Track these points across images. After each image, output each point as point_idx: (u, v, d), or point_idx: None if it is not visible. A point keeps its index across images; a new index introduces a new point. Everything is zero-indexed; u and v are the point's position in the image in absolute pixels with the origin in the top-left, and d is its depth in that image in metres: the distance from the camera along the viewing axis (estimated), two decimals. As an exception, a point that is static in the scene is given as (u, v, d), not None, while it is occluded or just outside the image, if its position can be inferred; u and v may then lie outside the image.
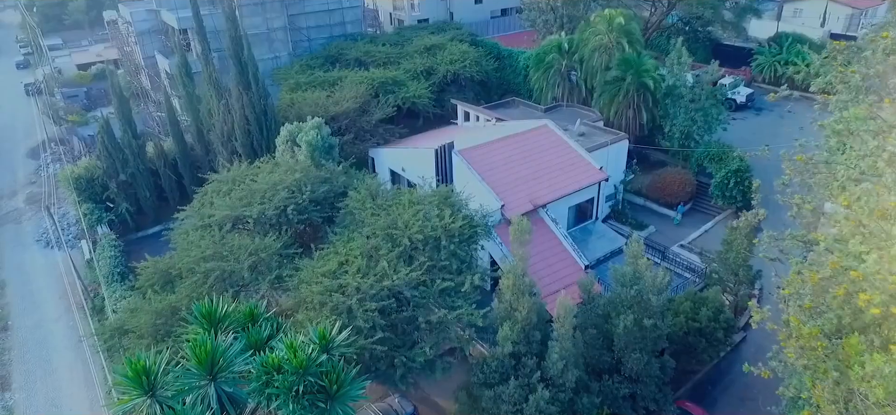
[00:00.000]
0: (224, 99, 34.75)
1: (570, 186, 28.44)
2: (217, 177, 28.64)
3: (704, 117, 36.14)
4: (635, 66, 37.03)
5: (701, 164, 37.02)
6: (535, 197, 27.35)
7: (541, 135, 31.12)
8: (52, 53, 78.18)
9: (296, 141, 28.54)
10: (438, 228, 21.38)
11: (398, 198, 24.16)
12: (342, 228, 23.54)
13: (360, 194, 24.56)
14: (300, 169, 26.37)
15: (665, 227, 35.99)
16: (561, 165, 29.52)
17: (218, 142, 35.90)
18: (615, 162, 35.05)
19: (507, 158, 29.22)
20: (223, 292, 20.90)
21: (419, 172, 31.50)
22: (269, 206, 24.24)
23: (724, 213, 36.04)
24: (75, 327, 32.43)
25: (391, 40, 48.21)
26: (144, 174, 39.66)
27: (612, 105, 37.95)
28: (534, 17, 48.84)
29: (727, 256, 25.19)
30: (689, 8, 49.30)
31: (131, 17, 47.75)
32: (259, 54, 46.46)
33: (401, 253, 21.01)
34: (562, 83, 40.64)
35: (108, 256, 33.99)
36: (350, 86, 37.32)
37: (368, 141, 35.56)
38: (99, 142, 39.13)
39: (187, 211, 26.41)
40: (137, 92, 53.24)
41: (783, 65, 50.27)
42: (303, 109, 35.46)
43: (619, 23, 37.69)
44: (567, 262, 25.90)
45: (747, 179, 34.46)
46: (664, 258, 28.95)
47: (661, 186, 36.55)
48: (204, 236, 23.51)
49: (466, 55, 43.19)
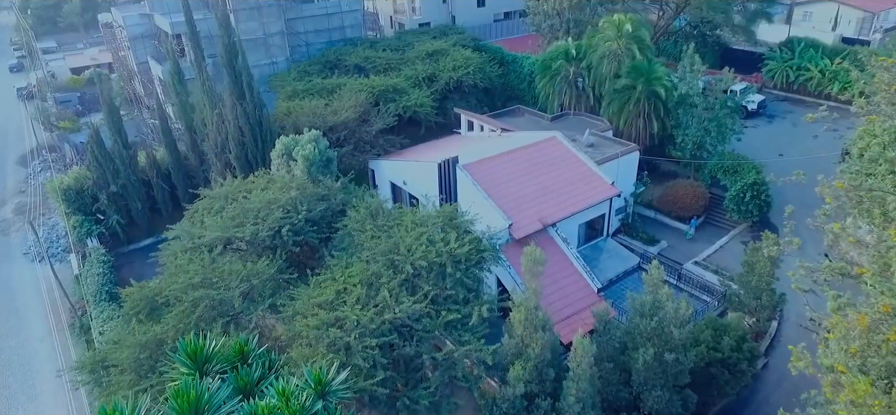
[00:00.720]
0: (218, 108, 33.29)
1: (580, 202, 26.98)
2: (209, 193, 27.22)
3: (718, 127, 34.70)
4: (646, 73, 35.59)
5: (714, 175, 35.56)
6: (545, 215, 25.90)
7: (549, 147, 29.67)
8: (45, 57, 76.69)
9: (292, 155, 27.09)
10: (443, 253, 19.94)
11: (400, 218, 22.72)
12: (340, 252, 22.09)
13: (359, 214, 23.13)
14: (296, 186, 24.95)
15: (677, 241, 34.53)
16: (571, 179, 28.06)
17: (212, 152, 34.44)
18: (626, 174, 33.61)
19: (515, 172, 27.76)
20: (212, 323, 19.51)
21: (421, 186, 30.10)
22: (262, 226, 22.80)
23: (739, 227, 34.59)
24: (61, 347, 30.97)
25: (392, 45, 46.75)
26: (136, 185, 38.25)
27: (621, 114, 36.51)
28: (539, 21, 47.38)
29: (749, 280, 23.73)
30: (699, 12, 47.81)
31: (124, 21, 46.30)
32: (255, 60, 45.12)
33: (403, 281, 19.58)
34: (569, 91, 39.19)
35: (97, 273, 32.52)
36: (349, 94, 35.85)
37: (368, 152, 34.10)
38: (88, 151, 37.69)
39: (176, 230, 24.94)
40: (131, 98, 51.76)
41: (795, 71, 48.79)
42: (300, 119, 34.02)
43: (627, 29, 36.21)
44: (579, 284, 24.46)
45: (764, 192, 33.04)
46: (680, 279, 27.45)
47: (673, 198, 35.10)
48: (193, 260, 22.07)
49: (470, 61, 41.72)
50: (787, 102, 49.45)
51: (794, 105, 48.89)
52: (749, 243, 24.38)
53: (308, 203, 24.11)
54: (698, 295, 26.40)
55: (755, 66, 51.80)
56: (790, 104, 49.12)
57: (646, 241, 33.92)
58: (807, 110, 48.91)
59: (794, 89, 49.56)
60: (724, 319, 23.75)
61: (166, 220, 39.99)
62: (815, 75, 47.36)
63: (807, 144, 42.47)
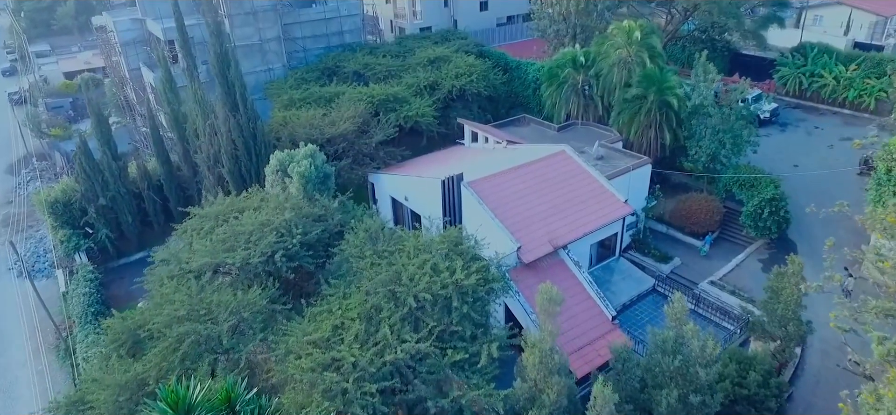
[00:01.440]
0: (210, 119, 31.78)
1: (592, 222, 25.47)
2: (199, 211, 25.69)
3: (733, 139, 33.14)
4: (657, 82, 34.07)
5: (729, 189, 34.04)
6: (555, 236, 24.38)
7: (558, 162, 28.16)
8: (38, 60, 75.20)
9: (287, 171, 25.58)
10: (449, 284, 18.42)
11: (401, 243, 21.21)
12: (337, 280, 20.57)
13: (357, 238, 21.62)
14: (291, 206, 23.44)
15: (691, 258, 32.99)
16: (582, 197, 26.55)
17: (204, 165, 32.93)
18: (637, 188, 32.10)
19: (522, 190, 26.25)
20: (198, 360, 18.00)
21: (424, 203, 28.61)
22: (254, 251, 21.28)
23: (756, 244, 33.03)
24: (44, 372, 29.46)
25: (392, 51, 45.20)
26: (126, 198, 36.76)
27: (631, 125, 34.99)
28: (544, 26, 45.84)
29: (774, 308, 22.19)
30: (710, 17, 46.25)
31: (115, 26, 44.75)
32: (251, 66, 43.64)
33: (405, 315, 18.06)
34: (576, 99, 37.67)
35: (83, 292, 31.00)
36: (348, 104, 34.32)
37: (368, 165, 32.58)
38: (76, 163, 36.19)
39: (162, 253, 23.41)
40: (123, 104, 50.24)
41: (809, 77, 47.24)
42: (296, 130, 32.51)
43: (638, 36, 34.68)
44: (592, 312, 22.94)
45: (783, 208, 31.51)
46: (698, 302, 25.91)
47: (687, 213, 33.57)
48: (179, 288, 20.55)
49: (473, 69, 40.17)
50: (800, 110, 47.90)
51: (807, 113, 47.35)
52: (774, 269, 22.80)
53: (303, 225, 22.61)
54: (719, 321, 24.87)
55: (766, 72, 50.23)
56: (803, 112, 47.58)
57: (658, 258, 32.38)
58: (820, 118, 47.46)
59: (808, 96, 48.00)
60: (749, 351, 22.23)
61: (158, 233, 38.62)
62: (830, 82, 45.81)
63: (822, 155, 40.98)
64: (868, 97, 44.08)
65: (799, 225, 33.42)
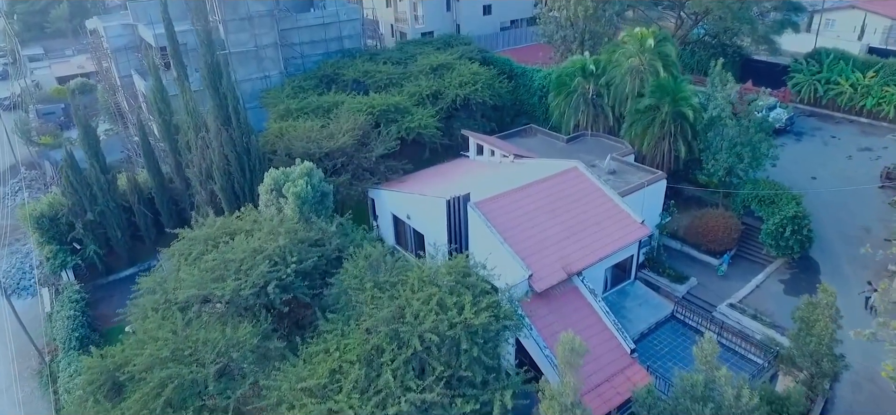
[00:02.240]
0: (202, 132, 30.15)
1: (608, 246, 23.86)
2: (187, 234, 24.09)
3: (752, 152, 31.53)
4: (671, 92, 32.49)
5: (747, 204, 32.44)
6: (569, 262, 22.78)
7: (570, 180, 26.56)
8: (31, 64, 73.55)
9: (282, 191, 23.96)
10: (457, 323, 16.81)
11: (404, 273, 19.60)
12: (336, 315, 18.96)
13: (357, 267, 20.00)
14: (285, 230, 21.82)
15: (708, 278, 31.37)
16: (596, 218, 24.94)
17: (196, 180, 31.32)
18: (652, 205, 30.49)
19: (533, 210, 24.65)
20: (182, 408, 16.41)
21: (427, 222, 27.03)
22: (245, 282, 19.66)
23: (776, 263, 31.42)
24: (26, 401, 27.84)
25: (393, 58, 43.58)
26: (115, 212, 35.09)
27: (644, 137, 33.40)
28: (551, 31, 44.22)
29: (806, 343, 20.56)
30: (722, 22, 44.63)
31: (105, 31, 43.13)
32: (247, 73, 42.06)
33: (409, 358, 16.45)
34: (586, 109, 36.06)
35: (67, 315, 29.37)
36: (347, 115, 32.70)
37: (368, 180, 30.96)
38: (63, 176, 34.56)
39: (148, 281, 21.78)
40: (115, 112, 48.60)
41: (824, 84, 45.65)
42: (293, 143, 30.91)
43: (650, 44, 33.08)
44: (610, 345, 21.34)
45: (806, 226, 29.90)
46: (723, 329, 24.27)
47: (703, 230, 31.95)
48: (163, 323, 18.95)
49: (477, 77, 38.53)
50: (815, 118, 46.35)
51: (822, 121, 45.79)
52: (804, 299, 21.18)
53: (299, 252, 21.00)
54: (744, 352, 23.24)
55: (778, 78, 48.61)
56: (818, 120, 46.02)
57: (673, 278, 30.76)
58: (837, 127, 45.77)
59: (823, 104, 46.41)
60: (780, 389, 20.63)
61: (149, 248, 37.07)
62: (847, 90, 44.19)
63: (840, 165, 39.43)
64: (887, 105, 42.50)
65: (820, 243, 31.85)
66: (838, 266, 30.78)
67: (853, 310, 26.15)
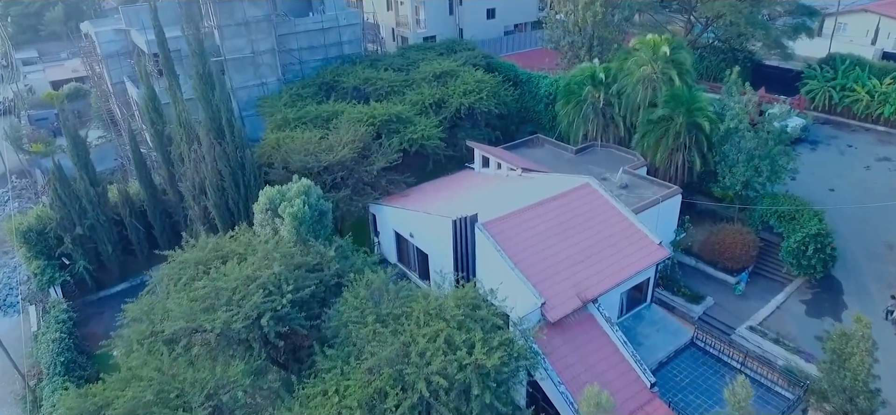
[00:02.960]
0: (195, 144, 28.72)
1: (624, 270, 22.44)
2: (177, 256, 22.66)
3: (771, 165, 30.12)
4: (686, 102, 31.10)
5: (765, 219, 31.04)
6: (583, 287, 21.36)
7: (583, 198, 25.13)
8: (25, 68, 72.09)
9: (278, 211, 22.53)
10: (468, 365, 15.41)
11: (409, 303, 18.20)
12: (335, 351, 17.54)
13: (357, 297, 18.61)
14: (281, 255, 20.40)
15: (724, 297, 30.03)
16: (611, 239, 23.52)
17: (189, 195, 29.89)
18: (666, 221, 29.12)
19: (544, 231, 23.22)
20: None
21: (432, 241, 25.63)
22: (237, 314, 18.23)
23: (796, 282, 30.04)
24: (9, 429, 26.46)
25: (395, 64, 42.14)
26: (106, 226, 33.68)
27: (657, 148, 32.01)
28: (557, 36, 42.77)
29: (841, 376, 19.14)
30: (735, 28, 43.19)
31: (97, 37, 41.69)
32: (243, 80, 40.65)
33: (415, 404, 15.04)
34: (595, 119, 34.64)
35: (52, 338, 27.91)
36: (347, 126, 31.27)
37: (369, 195, 29.53)
38: (51, 190, 33.17)
39: (134, 309, 20.36)
40: (108, 119, 47.18)
41: (839, 91, 44.22)
42: (290, 156, 29.47)
43: (665, 52, 31.66)
44: (628, 378, 19.92)
45: (829, 245, 28.49)
46: (746, 359, 22.79)
47: (720, 247, 30.58)
48: (149, 359, 17.54)
49: (482, 85, 37.05)
50: (830, 126, 44.91)
51: (837, 129, 44.37)
52: (836, 328, 19.75)
53: (295, 280, 19.57)
54: (770, 384, 21.77)
55: (790, 84, 47.20)
56: (833, 128, 44.59)
57: (689, 298, 29.45)
58: (853, 135, 44.24)
59: (838, 112, 44.98)
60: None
61: (142, 262, 35.61)
62: (863, 97, 42.76)
63: (858, 176, 38.01)
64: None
65: (842, 260, 30.44)
66: (863, 285, 29.38)
67: (881, 332, 24.79)
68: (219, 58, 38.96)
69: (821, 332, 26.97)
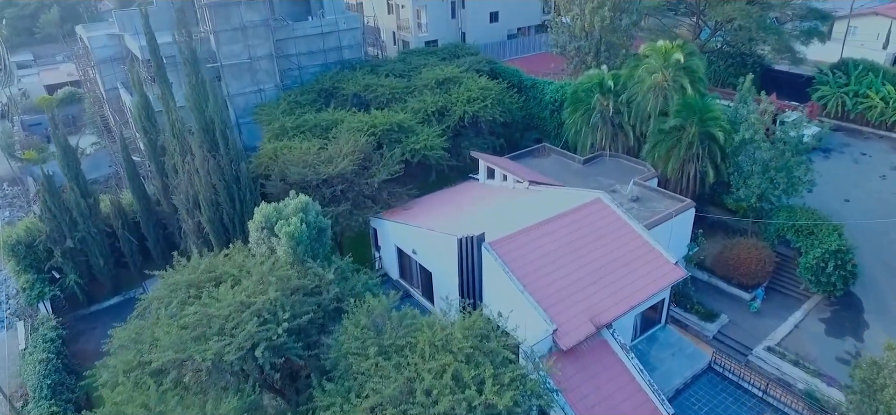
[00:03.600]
0: (188, 156, 27.56)
1: (639, 292, 21.28)
2: (169, 276, 21.52)
3: (788, 177, 28.97)
4: (699, 112, 29.97)
5: (780, 233, 29.90)
6: (597, 312, 20.21)
7: (594, 213, 23.99)
8: (19, 72, 70.92)
9: (274, 230, 21.36)
10: (477, 406, 14.26)
11: (412, 334, 17.05)
12: (334, 387, 16.39)
13: (357, 327, 17.45)
14: (276, 279, 19.23)
15: (739, 314, 28.88)
16: (625, 258, 22.37)
17: (183, 208, 28.74)
18: (679, 236, 27.98)
19: (554, 250, 22.07)
20: None
21: (435, 259, 24.50)
22: (230, 345, 17.07)
23: (813, 299, 28.87)
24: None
25: (396, 70, 40.98)
26: (97, 238, 32.54)
27: (669, 159, 30.86)
28: (563, 41, 41.60)
29: (874, 410, 18.00)
30: (747, 32, 42.05)
31: (89, 42, 40.52)
32: (240, 87, 39.51)
33: (421, 449, 13.88)
34: (604, 128, 33.49)
35: (39, 359, 26.73)
36: (347, 136, 30.11)
37: (370, 208, 28.37)
38: (40, 201, 32.05)
39: (121, 334, 19.20)
40: (101, 126, 46.02)
41: (852, 97, 43.09)
42: (288, 168, 28.30)
43: (677, 59, 30.52)
44: (645, 409, 18.78)
45: (850, 261, 27.35)
46: (768, 389, 21.64)
47: (734, 262, 29.44)
48: (135, 395, 16.40)
49: (487, 92, 35.85)
50: (842, 133, 43.75)
51: (850, 137, 43.22)
52: (867, 358, 18.63)
53: (292, 306, 18.42)
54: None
55: (801, 90, 46.12)
56: (846, 135, 43.43)
57: (702, 315, 28.29)
58: (867, 143, 42.84)
59: (850, 119, 43.85)
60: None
61: (135, 275, 34.49)
62: (878, 104, 41.62)
63: (874, 186, 36.85)
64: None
65: (861, 276, 29.26)
66: (883, 302, 28.22)
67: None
68: (215, 64, 37.84)
69: (842, 353, 25.86)
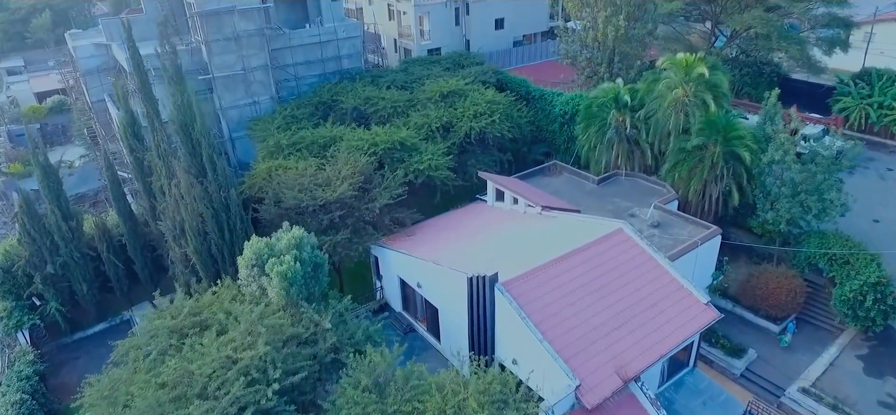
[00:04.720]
0: (175, 179, 25.53)
1: (668, 338, 19.23)
2: (149, 318, 19.52)
3: (819, 200, 26.94)
4: (722, 130, 27.97)
5: (811, 260, 27.87)
6: (623, 362, 18.17)
7: (616, 247, 21.95)
8: (9, 78, 68.87)
9: (265, 269, 19.34)
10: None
11: (419, 398, 15.02)
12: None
13: (357, 387, 15.42)
14: (267, 328, 17.20)
15: (768, 348, 26.84)
16: (651, 297, 20.34)
17: (169, 235, 26.72)
18: (705, 264, 26.09)
19: (573, 290, 20.04)
20: None
21: (442, 295, 22.51)
22: (213, 410, 15.03)
23: (848, 333, 26.83)
24: None
25: (397, 81, 38.93)
26: (81, 262, 30.56)
27: (690, 180, 28.83)
28: (574, 51, 39.56)
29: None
30: (767, 41, 40.04)
31: (76, 51, 38.50)
32: (234, 99, 37.46)
33: None
34: (619, 145, 31.49)
35: (12, 401, 24.65)
36: (346, 156, 28.09)
37: (371, 236, 26.33)
38: (19, 224, 30.01)
39: (94, 393, 17.19)
40: (89, 138, 43.99)
41: (877, 109, 41.05)
42: (283, 192, 26.26)
43: (703, 73, 28.48)
44: (679, 476, 16.73)
45: (890, 294, 25.30)
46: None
47: (762, 292, 27.41)
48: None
49: (494, 107, 33.77)
50: (866, 146, 41.52)
51: (874, 150, 41.13)
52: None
53: (284, 360, 16.40)
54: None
55: (821, 101, 44.07)
56: (870, 149, 41.29)
57: (729, 350, 26.25)
58: (892, 157, 40.74)
59: (874, 131, 41.80)
60: None
61: (121, 300, 32.53)
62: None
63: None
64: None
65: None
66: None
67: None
68: (207, 75, 35.82)
69: (884, 395, 23.84)
